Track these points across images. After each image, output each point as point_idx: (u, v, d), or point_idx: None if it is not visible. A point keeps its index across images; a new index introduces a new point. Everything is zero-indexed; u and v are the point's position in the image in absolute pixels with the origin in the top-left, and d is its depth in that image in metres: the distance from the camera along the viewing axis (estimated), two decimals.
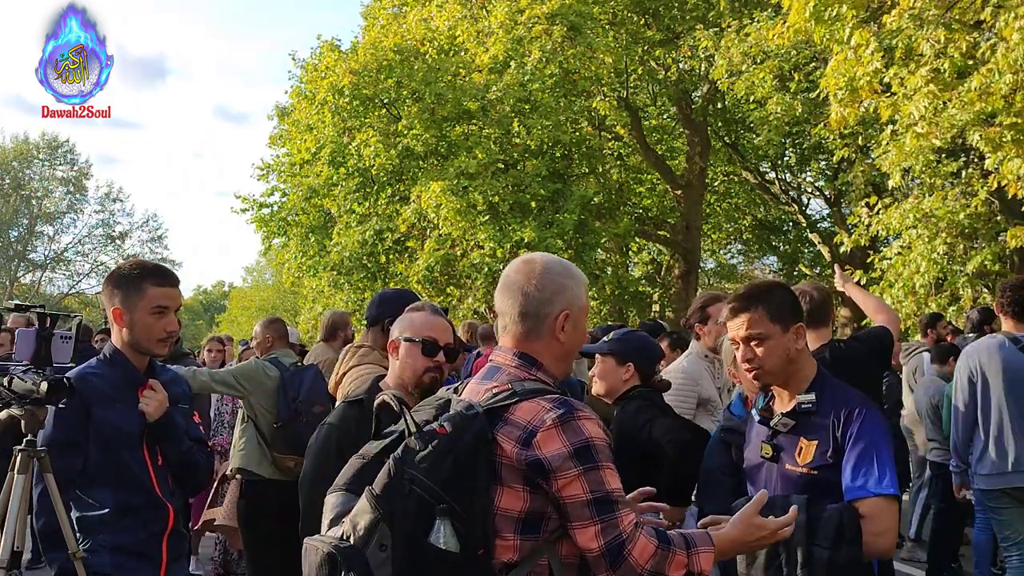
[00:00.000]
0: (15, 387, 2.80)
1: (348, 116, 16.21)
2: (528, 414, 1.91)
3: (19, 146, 41.58)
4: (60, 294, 42.22)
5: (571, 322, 2.07)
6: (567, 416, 1.90)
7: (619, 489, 1.92)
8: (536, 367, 2.05)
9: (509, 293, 2.09)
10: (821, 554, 2.28)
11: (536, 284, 2.06)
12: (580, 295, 2.10)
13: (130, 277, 2.94)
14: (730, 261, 28.33)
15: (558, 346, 2.08)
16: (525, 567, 1.92)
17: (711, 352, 4.20)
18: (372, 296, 3.45)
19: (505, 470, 1.91)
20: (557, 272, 2.09)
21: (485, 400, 1.97)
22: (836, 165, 18.22)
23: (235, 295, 54.94)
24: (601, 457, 1.90)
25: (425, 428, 1.92)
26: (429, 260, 15.28)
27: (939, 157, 11.18)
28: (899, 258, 11.40)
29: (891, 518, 2.35)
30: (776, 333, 2.52)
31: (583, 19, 15.79)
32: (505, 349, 2.10)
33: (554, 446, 1.87)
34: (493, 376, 2.06)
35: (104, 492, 2.87)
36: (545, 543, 1.93)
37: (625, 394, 3.59)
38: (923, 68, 8.06)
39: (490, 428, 1.92)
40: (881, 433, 2.42)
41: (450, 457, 1.85)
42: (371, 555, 1.81)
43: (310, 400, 5.20)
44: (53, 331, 2.97)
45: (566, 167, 17.04)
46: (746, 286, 2.69)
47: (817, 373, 2.58)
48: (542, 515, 1.92)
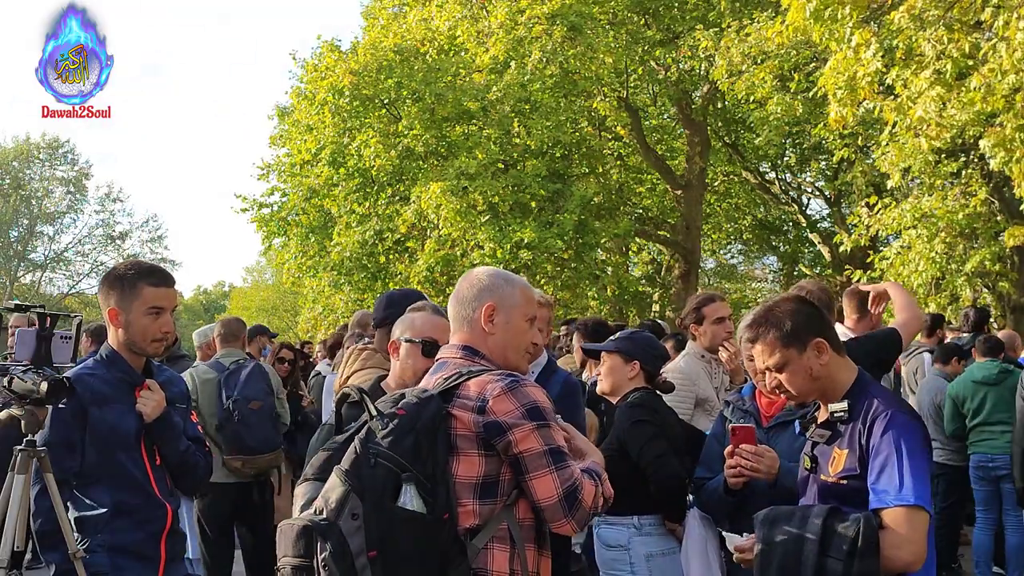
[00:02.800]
0: (15, 387, 2.80)
1: (348, 116, 16.21)
2: (478, 386, 2.14)
3: (19, 146, 41.53)
4: (60, 294, 42.19)
5: (500, 316, 2.30)
6: (514, 384, 2.14)
7: (565, 445, 2.17)
8: (479, 356, 2.28)
9: (451, 305, 2.38)
10: (835, 566, 2.20)
11: (467, 287, 2.35)
12: (512, 293, 2.34)
13: (125, 277, 2.96)
14: (730, 261, 28.35)
15: (492, 338, 2.30)
16: (487, 533, 2.09)
17: (708, 352, 4.20)
18: (378, 297, 3.46)
19: (461, 440, 2.11)
20: (490, 274, 2.38)
21: (436, 385, 2.19)
22: (836, 165, 18.21)
23: (235, 295, 54.93)
24: (548, 417, 2.15)
25: (384, 412, 2.09)
26: (429, 260, 15.27)
27: (939, 157, 11.18)
28: (898, 258, 11.41)
29: (913, 529, 2.22)
30: (793, 357, 2.43)
31: (583, 19, 15.78)
32: (450, 346, 2.34)
33: (507, 407, 2.09)
34: (442, 369, 2.28)
35: (102, 492, 2.87)
36: (503, 507, 2.12)
37: (628, 394, 3.60)
38: (926, 71, 8.05)
39: (444, 405, 2.12)
40: (909, 440, 2.29)
41: (411, 434, 2.04)
42: (344, 524, 1.96)
43: (246, 398, 5.24)
44: (53, 331, 2.97)
45: (566, 167, 17.04)
46: (757, 310, 2.57)
47: (856, 379, 2.47)
48: (497, 479, 2.12)
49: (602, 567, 3.55)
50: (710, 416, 3.99)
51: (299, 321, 25.30)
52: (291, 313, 40.67)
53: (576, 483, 2.09)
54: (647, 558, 3.38)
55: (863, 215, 12.05)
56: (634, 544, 3.40)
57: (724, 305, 4.29)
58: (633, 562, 3.40)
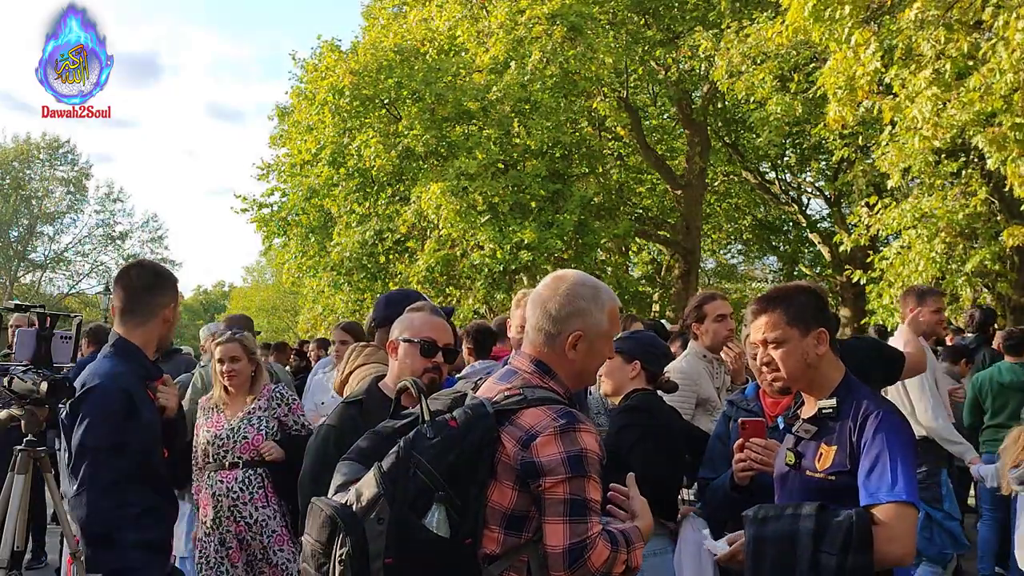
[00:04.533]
0: (15, 387, 2.80)
1: (348, 116, 16.20)
2: (533, 419, 2.05)
3: (19, 146, 41.52)
4: (60, 294, 42.18)
5: (585, 343, 2.19)
6: (568, 426, 2.04)
7: (597, 501, 2.07)
8: (550, 376, 2.18)
9: (533, 305, 2.24)
10: (828, 561, 2.24)
11: (558, 302, 2.19)
12: (600, 321, 2.21)
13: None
14: (730, 261, 28.35)
15: (569, 364, 2.20)
16: (505, 562, 2.05)
17: (709, 352, 4.21)
18: (377, 298, 3.46)
19: (501, 467, 2.04)
20: (580, 294, 2.21)
21: (497, 400, 2.10)
22: (836, 165, 18.23)
23: (235, 295, 54.97)
24: (590, 469, 2.04)
25: (438, 418, 2.05)
26: (429, 261, 15.27)
27: (939, 157, 11.18)
28: (898, 258, 11.41)
29: (904, 525, 2.27)
30: (794, 337, 2.48)
31: (583, 19, 15.78)
32: (524, 355, 2.23)
33: (550, 451, 2.01)
34: (509, 379, 2.18)
35: (141, 491, 2.84)
36: (528, 542, 2.06)
37: (628, 395, 3.57)
38: (925, 70, 8.04)
39: (497, 427, 2.05)
40: (899, 438, 2.35)
41: (455, 450, 1.99)
42: (368, 526, 1.95)
43: None
44: (53, 331, 2.98)
45: (566, 167, 17.03)
46: (770, 288, 2.65)
47: (844, 378, 2.52)
48: (527, 515, 2.05)
49: None
50: (711, 416, 3.99)
51: (299, 321, 25.32)
52: (291, 313, 40.68)
53: (587, 542, 2.00)
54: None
55: (863, 215, 12.05)
56: None
57: (725, 303, 4.30)
58: None
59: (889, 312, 11.33)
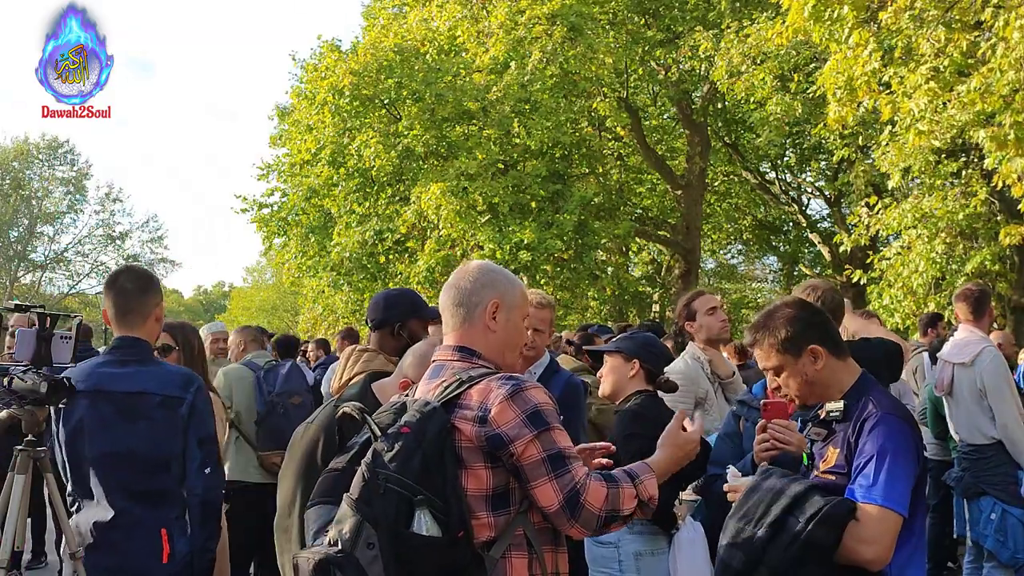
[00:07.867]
0: (15, 387, 2.80)
1: (348, 116, 16.20)
2: (480, 395, 2.07)
3: (19, 146, 41.50)
4: (60, 294, 42.18)
5: (503, 313, 2.24)
6: (515, 389, 2.07)
7: (569, 446, 2.10)
8: (476, 356, 2.20)
9: (446, 292, 2.29)
10: (793, 524, 2.26)
11: (470, 278, 2.26)
12: (514, 293, 2.28)
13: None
14: (730, 261, 28.37)
15: (493, 336, 2.23)
16: (504, 542, 2.06)
17: (709, 345, 4.21)
18: (373, 298, 3.43)
19: (466, 452, 2.06)
20: (489, 269, 2.30)
21: (438, 395, 2.11)
22: (836, 165, 18.22)
23: (235, 295, 54.95)
24: (550, 420, 2.08)
25: (388, 431, 2.03)
26: (429, 261, 15.26)
27: (939, 157, 11.18)
28: (899, 258, 11.42)
29: (880, 529, 2.25)
30: (788, 362, 2.49)
31: (583, 20, 15.78)
32: (445, 347, 2.26)
33: (507, 417, 2.04)
34: (439, 374, 2.20)
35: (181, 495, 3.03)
36: (517, 514, 2.08)
37: (629, 397, 3.54)
38: (923, 67, 8.04)
39: (448, 417, 2.06)
40: (894, 442, 2.32)
41: (418, 453, 1.98)
42: (360, 555, 1.92)
43: (287, 392, 5.30)
44: (53, 331, 2.98)
45: (566, 168, 17.03)
46: (759, 315, 2.63)
47: (856, 381, 2.50)
48: (507, 489, 2.08)
49: (591, 563, 3.53)
50: (708, 415, 3.99)
51: (299, 321, 25.31)
52: (291, 313, 40.67)
53: (577, 487, 2.03)
54: (636, 556, 3.38)
55: (863, 215, 12.04)
56: (624, 542, 3.40)
57: (712, 297, 4.34)
58: (622, 559, 3.40)
59: (889, 312, 11.33)
